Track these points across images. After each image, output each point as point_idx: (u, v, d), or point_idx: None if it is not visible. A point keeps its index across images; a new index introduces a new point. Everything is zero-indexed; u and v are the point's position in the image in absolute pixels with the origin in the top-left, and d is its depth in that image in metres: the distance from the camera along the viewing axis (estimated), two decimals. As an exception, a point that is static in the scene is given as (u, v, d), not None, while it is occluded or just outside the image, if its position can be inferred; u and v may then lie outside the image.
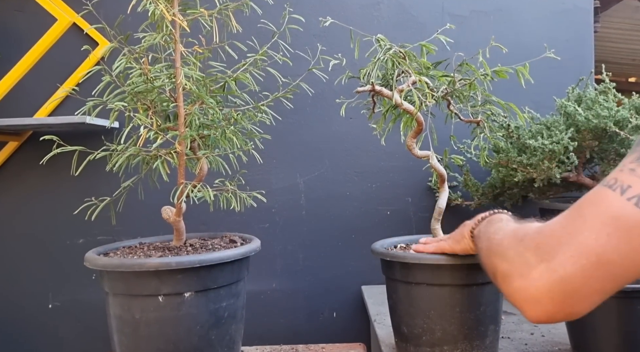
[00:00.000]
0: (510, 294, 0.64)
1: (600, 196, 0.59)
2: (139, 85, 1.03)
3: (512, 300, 0.64)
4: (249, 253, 1.04)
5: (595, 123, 1.31)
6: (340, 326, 1.79)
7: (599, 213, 0.58)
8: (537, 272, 0.60)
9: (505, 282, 0.65)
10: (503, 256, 0.68)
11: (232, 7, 1.10)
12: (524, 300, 0.61)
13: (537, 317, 0.61)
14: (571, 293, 0.58)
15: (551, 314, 0.60)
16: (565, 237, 0.59)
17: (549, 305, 0.59)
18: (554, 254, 0.59)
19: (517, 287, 0.62)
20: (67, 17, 1.70)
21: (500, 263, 0.68)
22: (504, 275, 0.66)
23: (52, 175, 1.73)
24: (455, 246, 0.95)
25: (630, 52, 4.32)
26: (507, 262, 0.66)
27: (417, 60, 1.08)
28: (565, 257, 0.58)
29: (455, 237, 0.96)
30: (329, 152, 1.78)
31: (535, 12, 1.82)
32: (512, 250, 0.66)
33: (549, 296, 0.58)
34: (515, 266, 0.64)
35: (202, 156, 1.08)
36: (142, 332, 0.95)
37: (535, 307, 0.60)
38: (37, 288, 1.75)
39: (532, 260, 0.61)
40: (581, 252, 0.57)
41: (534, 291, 0.60)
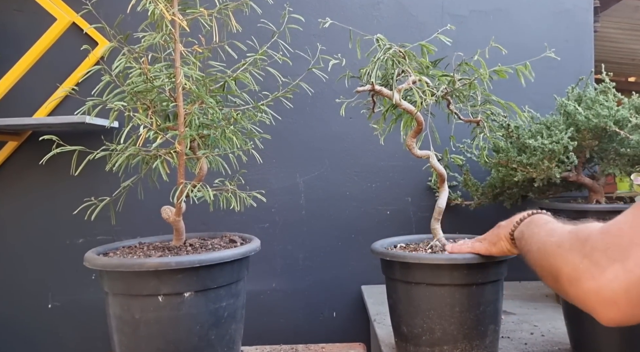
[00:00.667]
0: (580, 297, 0.62)
1: None
2: (138, 85, 1.03)
3: (582, 303, 0.62)
4: (249, 253, 1.04)
5: (595, 122, 1.31)
6: (340, 326, 1.79)
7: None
8: (611, 273, 0.58)
9: (573, 285, 0.63)
10: (565, 258, 0.66)
11: (232, 6, 1.10)
12: (599, 303, 0.59)
13: (613, 319, 0.59)
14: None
15: (630, 315, 0.58)
16: (637, 236, 0.57)
17: (627, 307, 0.57)
18: (627, 254, 0.57)
19: (589, 289, 0.60)
20: (66, 16, 1.70)
21: (563, 266, 0.66)
22: (571, 278, 0.63)
23: (52, 175, 1.73)
24: (492, 248, 0.95)
25: (630, 51, 4.32)
26: (572, 264, 0.64)
27: (416, 60, 1.08)
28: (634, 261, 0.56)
29: (490, 240, 0.95)
30: (329, 152, 1.78)
31: (535, 11, 1.82)
32: (576, 251, 0.64)
33: (627, 297, 0.57)
34: (584, 267, 0.62)
35: (201, 156, 1.08)
36: (142, 332, 0.95)
37: (611, 310, 0.58)
38: (36, 288, 1.75)
39: (602, 261, 0.59)
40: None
41: (610, 292, 0.58)
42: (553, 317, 1.35)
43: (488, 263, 0.98)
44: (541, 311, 1.43)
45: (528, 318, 1.37)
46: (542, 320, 1.35)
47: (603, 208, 1.33)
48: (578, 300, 0.63)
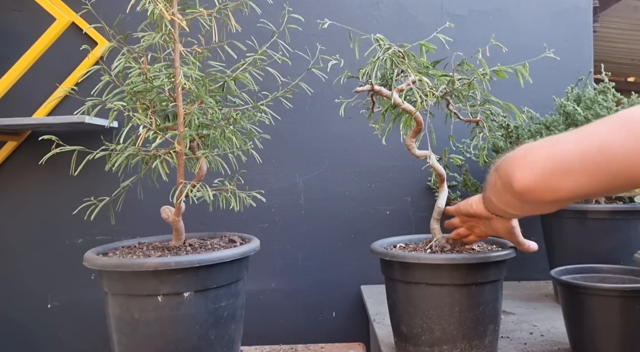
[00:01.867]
0: (509, 165, 0.67)
1: (630, 109, 0.60)
2: (138, 85, 1.03)
3: (507, 172, 0.67)
4: (248, 253, 1.04)
5: (594, 123, 1.31)
6: (340, 326, 1.79)
7: (622, 116, 0.59)
8: (539, 147, 0.64)
9: (508, 159, 0.68)
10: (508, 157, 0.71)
11: (232, 6, 1.10)
12: (519, 165, 0.64)
13: (523, 180, 0.64)
14: (565, 165, 0.61)
15: (538, 180, 0.63)
16: (578, 129, 0.63)
17: (539, 169, 0.62)
18: (563, 138, 0.63)
19: (518, 156, 0.66)
20: (66, 16, 1.70)
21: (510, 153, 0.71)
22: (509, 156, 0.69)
23: (51, 175, 1.73)
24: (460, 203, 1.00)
25: (629, 51, 4.33)
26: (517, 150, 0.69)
27: (416, 60, 1.08)
28: (571, 137, 0.62)
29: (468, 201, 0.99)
30: (328, 152, 1.78)
31: (535, 11, 1.82)
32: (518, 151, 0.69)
33: (543, 162, 0.62)
34: (524, 148, 0.67)
35: (201, 156, 1.08)
36: (141, 332, 0.95)
37: (526, 171, 0.64)
38: (36, 288, 1.75)
39: (541, 142, 0.65)
40: (587, 135, 0.60)
41: (531, 157, 0.64)
42: (552, 317, 1.35)
43: (487, 263, 0.98)
44: (540, 311, 1.43)
45: (527, 318, 1.37)
46: (542, 320, 1.35)
47: (602, 208, 1.33)
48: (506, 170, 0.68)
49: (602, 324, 1.01)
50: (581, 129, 0.63)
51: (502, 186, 0.71)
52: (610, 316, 1.00)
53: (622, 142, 0.57)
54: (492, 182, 0.78)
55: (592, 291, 1.01)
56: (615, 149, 0.57)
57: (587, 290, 1.02)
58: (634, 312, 0.98)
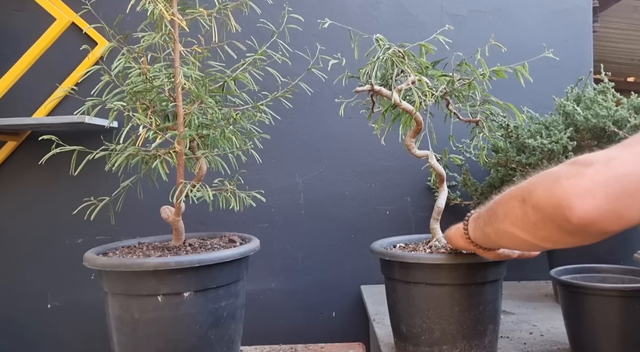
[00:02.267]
0: (556, 195, 0.55)
1: None
2: (138, 85, 1.03)
3: (557, 201, 0.55)
4: (248, 253, 1.04)
5: (594, 123, 1.32)
6: (340, 326, 1.79)
7: None
8: (591, 170, 0.53)
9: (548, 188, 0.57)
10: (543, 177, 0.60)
11: (231, 6, 1.10)
12: (575, 193, 0.53)
13: (585, 212, 0.52)
14: (630, 191, 0.51)
15: (604, 210, 0.52)
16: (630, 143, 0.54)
17: (603, 200, 0.51)
18: (616, 156, 0.53)
19: (567, 184, 0.54)
20: (66, 16, 1.70)
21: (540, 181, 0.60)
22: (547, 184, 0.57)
23: (51, 175, 1.73)
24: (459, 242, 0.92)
25: (629, 51, 4.33)
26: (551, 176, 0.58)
27: (416, 60, 1.08)
28: (628, 155, 0.52)
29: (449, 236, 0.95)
30: (328, 152, 1.78)
31: (534, 11, 1.82)
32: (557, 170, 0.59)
33: (605, 191, 0.51)
34: (565, 173, 0.56)
35: (201, 156, 1.08)
36: (141, 332, 0.95)
37: (587, 201, 0.52)
38: (36, 288, 1.75)
39: (585, 165, 0.54)
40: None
41: (587, 184, 0.52)
42: (552, 317, 1.35)
43: (487, 263, 0.98)
44: (540, 311, 1.43)
45: (527, 318, 1.37)
46: (541, 320, 1.35)
47: (602, 208, 1.33)
48: (550, 200, 0.57)
49: (602, 323, 1.01)
50: (633, 143, 0.55)
51: (542, 218, 0.59)
52: (609, 316, 1.00)
53: None
54: (514, 217, 0.65)
55: (592, 290, 1.02)
56: None
57: (587, 290, 1.02)
58: (633, 312, 0.98)
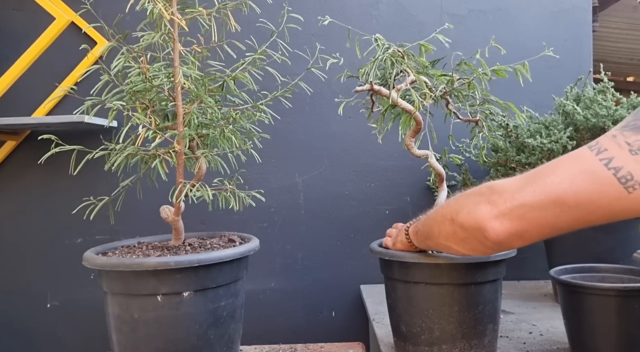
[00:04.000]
0: (476, 218, 0.73)
1: (578, 153, 0.68)
2: (137, 85, 1.03)
3: (475, 224, 0.73)
4: (248, 252, 1.04)
5: (593, 122, 1.32)
6: (339, 325, 1.79)
7: (570, 165, 0.67)
8: (501, 199, 0.70)
9: (470, 211, 0.74)
10: (466, 198, 0.77)
11: (231, 6, 1.10)
12: (488, 219, 0.71)
13: (496, 234, 0.70)
14: (527, 218, 0.68)
15: (509, 232, 0.70)
16: (532, 177, 0.70)
17: (508, 224, 0.69)
18: (520, 189, 0.69)
19: (484, 211, 0.72)
20: (65, 16, 1.70)
21: (464, 202, 0.77)
22: (469, 208, 0.75)
23: (51, 174, 1.73)
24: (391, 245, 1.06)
25: (628, 51, 4.33)
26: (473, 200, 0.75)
27: (415, 60, 1.08)
28: (528, 190, 0.68)
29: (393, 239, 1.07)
30: (328, 152, 1.78)
31: (534, 11, 1.82)
32: (476, 192, 0.76)
33: (509, 217, 0.69)
34: (483, 198, 0.73)
35: (200, 155, 1.08)
36: (141, 332, 0.95)
37: (496, 225, 0.70)
38: (35, 288, 1.75)
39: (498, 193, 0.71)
40: (543, 190, 0.67)
41: (497, 211, 0.70)
42: (551, 317, 1.35)
43: (487, 263, 0.98)
44: (540, 311, 1.43)
45: (527, 317, 1.37)
46: (541, 319, 1.35)
47: (601, 208, 1.33)
48: (472, 222, 0.74)
49: (601, 323, 1.01)
50: (534, 175, 0.69)
51: (467, 236, 0.76)
52: (609, 316, 1.00)
53: (574, 195, 0.65)
54: (446, 233, 0.82)
55: (591, 290, 1.02)
56: (569, 202, 0.65)
57: (586, 289, 1.02)
58: (632, 312, 0.98)
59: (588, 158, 0.65)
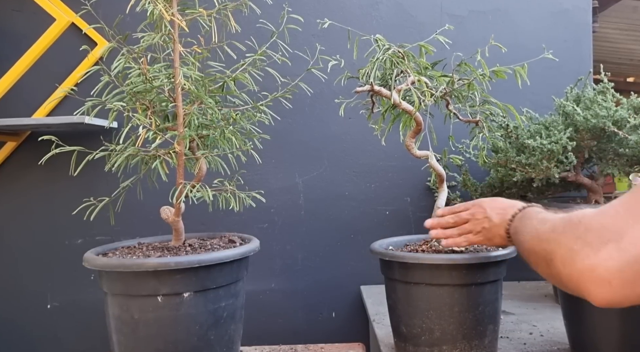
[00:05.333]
0: (574, 277, 0.61)
1: None
2: (137, 85, 1.03)
3: (575, 284, 0.61)
4: (248, 253, 1.04)
5: (593, 123, 1.32)
6: (339, 326, 1.79)
7: None
8: (605, 253, 0.57)
9: (566, 266, 0.62)
10: (558, 241, 0.65)
11: (231, 7, 1.10)
12: (592, 282, 0.58)
13: (606, 300, 0.58)
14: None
15: (623, 296, 0.57)
16: (632, 217, 0.57)
17: (620, 286, 0.56)
18: (621, 234, 0.56)
19: (583, 268, 0.59)
20: (65, 17, 1.70)
21: (556, 248, 0.64)
22: (564, 259, 0.62)
23: (51, 175, 1.73)
24: (489, 243, 0.95)
25: (628, 52, 4.33)
26: (565, 246, 0.63)
27: (415, 60, 1.08)
28: (637, 236, 0.55)
29: (486, 236, 0.94)
30: (328, 152, 1.78)
31: (534, 12, 1.82)
32: (569, 234, 0.63)
33: (620, 277, 0.56)
34: (577, 248, 0.60)
35: (201, 156, 1.08)
36: (141, 333, 0.95)
37: (605, 289, 0.57)
38: (35, 288, 1.74)
39: (596, 241, 0.58)
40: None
41: (604, 271, 0.57)
42: (552, 317, 1.35)
43: (487, 263, 0.98)
44: (540, 311, 1.43)
45: (527, 318, 1.37)
46: (541, 320, 1.35)
47: (602, 208, 1.33)
48: (571, 281, 0.62)
49: (602, 324, 1.01)
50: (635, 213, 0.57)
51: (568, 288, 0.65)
52: (609, 316, 1.00)
53: None
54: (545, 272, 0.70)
55: (592, 291, 1.01)
56: None
57: (587, 290, 1.02)
58: (633, 312, 0.98)
59: None
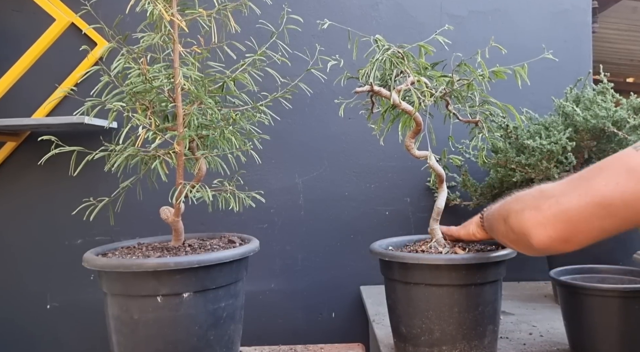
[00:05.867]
0: (521, 224, 0.74)
1: (624, 153, 0.67)
2: (137, 86, 1.03)
3: (520, 230, 0.74)
4: (248, 253, 1.04)
5: (593, 123, 1.32)
6: (339, 326, 1.79)
7: (616, 165, 0.66)
8: (546, 204, 0.70)
9: (517, 216, 0.75)
10: (518, 200, 0.79)
11: (231, 7, 1.10)
12: (532, 225, 0.71)
13: (540, 240, 0.71)
14: (573, 223, 0.68)
15: (553, 238, 0.70)
16: (578, 181, 0.70)
17: (552, 230, 0.69)
18: (566, 193, 0.69)
19: (528, 216, 0.73)
20: (65, 17, 1.70)
21: (514, 206, 0.78)
22: (517, 211, 0.76)
23: (50, 175, 1.73)
24: (461, 231, 1.05)
25: (628, 52, 4.33)
26: (520, 203, 0.77)
27: (415, 61, 1.08)
28: (574, 194, 0.68)
29: (464, 224, 1.05)
30: (328, 153, 1.78)
31: (534, 12, 1.82)
32: (528, 195, 0.77)
33: (553, 222, 0.69)
34: (530, 202, 0.74)
35: (200, 156, 1.08)
36: (141, 333, 0.95)
37: (540, 231, 0.71)
38: (35, 289, 1.74)
39: (543, 198, 0.72)
40: (587, 193, 0.67)
41: (541, 217, 0.70)
42: (552, 318, 1.35)
43: (487, 264, 0.98)
44: (540, 312, 1.43)
45: (527, 318, 1.37)
46: (541, 320, 1.35)
47: (601, 208, 1.33)
48: (519, 228, 0.75)
49: (601, 324, 1.01)
50: (580, 179, 0.69)
51: (517, 238, 0.78)
52: (609, 317, 1.00)
53: (621, 196, 0.64)
54: (502, 231, 0.84)
55: (591, 291, 1.02)
56: (616, 203, 0.64)
57: (586, 290, 1.02)
58: (633, 313, 0.98)
59: (634, 157, 0.64)
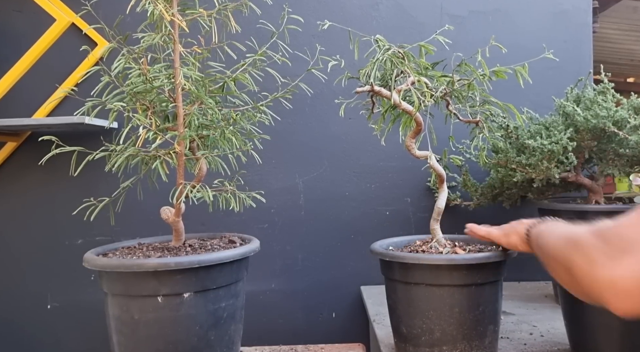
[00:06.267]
0: (595, 289, 0.63)
1: None
2: (138, 86, 1.03)
3: (596, 295, 0.63)
4: (248, 253, 1.04)
5: (594, 123, 1.32)
6: (340, 326, 1.79)
7: None
8: (624, 265, 0.59)
9: (585, 275, 0.65)
10: (579, 251, 0.67)
11: (231, 7, 1.10)
12: (613, 295, 0.61)
13: (627, 311, 0.61)
14: None
15: None
16: None
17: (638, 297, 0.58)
18: (638, 247, 0.59)
19: (603, 280, 0.61)
20: (65, 17, 1.70)
21: (577, 258, 0.67)
22: (584, 270, 0.65)
23: (51, 175, 1.73)
24: (502, 238, 0.98)
25: (628, 52, 4.33)
26: (586, 256, 0.65)
27: (415, 61, 1.08)
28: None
29: (505, 231, 0.98)
30: (328, 153, 1.78)
31: (534, 12, 1.82)
32: (590, 245, 0.65)
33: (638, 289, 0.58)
34: (595, 257, 0.63)
35: (201, 156, 1.08)
36: (141, 333, 0.95)
37: (626, 301, 0.60)
38: (35, 289, 1.74)
39: (615, 253, 0.61)
40: None
41: (624, 284, 0.59)
42: (552, 318, 1.35)
43: (487, 264, 0.98)
44: (540, 312, 1.43)
45: (527, 319, 1.37)
46: (541, 320, 1.35)
47: (602, 209, 1.33)
48: (592, 292, 0.64)
49: (602, 324, 1.01)
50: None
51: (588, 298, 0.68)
52: (610, 317, 0.99)
53: None
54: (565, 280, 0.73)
55: (592, 291, 1.01)
56: None
57: (587, 290, 1.02)
58: (633, 313, 0.98)
59: None
